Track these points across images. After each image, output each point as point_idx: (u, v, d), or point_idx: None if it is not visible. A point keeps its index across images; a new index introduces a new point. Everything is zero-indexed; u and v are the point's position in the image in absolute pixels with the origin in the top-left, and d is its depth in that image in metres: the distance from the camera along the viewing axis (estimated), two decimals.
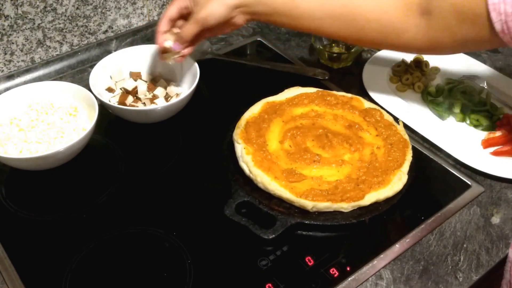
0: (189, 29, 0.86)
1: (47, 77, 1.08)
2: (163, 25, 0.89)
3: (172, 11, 0.88)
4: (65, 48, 1.10)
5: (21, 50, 1.04)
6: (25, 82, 1.05)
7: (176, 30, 0.90)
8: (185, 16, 0.89)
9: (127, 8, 1.15)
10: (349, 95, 0.99)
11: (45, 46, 1.07)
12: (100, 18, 1.12)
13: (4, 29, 0.99)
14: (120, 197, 0.84)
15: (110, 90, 0.99)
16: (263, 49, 1.20)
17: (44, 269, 0.74)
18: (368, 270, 0.74)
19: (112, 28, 1.15)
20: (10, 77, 1.04)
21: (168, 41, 0.89)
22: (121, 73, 1.01)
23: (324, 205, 0.78)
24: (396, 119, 0.94)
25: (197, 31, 0.86)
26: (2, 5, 0.96)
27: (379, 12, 0.81)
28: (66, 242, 0.77)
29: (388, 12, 0.81)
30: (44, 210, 0.82)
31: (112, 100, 0.97)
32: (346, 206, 0.79)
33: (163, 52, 0.91)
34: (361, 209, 0.80)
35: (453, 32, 0.76)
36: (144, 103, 0.96)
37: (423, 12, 0.78)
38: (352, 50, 1.12)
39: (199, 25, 0.85)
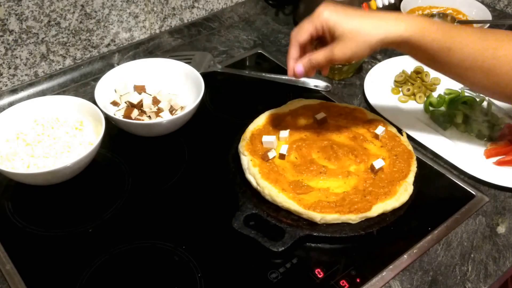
0: (320, 61, 0.77)
1: (51, 91, 1.08)
2: (294, 52, 0.79)
3: (303, 36, 0.78)
4: (68, 61, 1.11)
5: (25, 64, 1.04)
6: (29, 96, 1.05)
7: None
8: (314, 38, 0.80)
9: (129, 21, 1.16)
10: (352, 106, 1.00)
11: (48, 60, 1.07)
12: (102, 32, 1.12)
13: (8, 44, 0.99)
14: (128, 211, 0.84)
15: (115, 103, 0.99)
16: (264, 61, 1.21)
17: (54, 284, 0.73)
18: (377, 281, 0.74)
19: (115, 41, 1.16)
20: (13, 91, 1.04)
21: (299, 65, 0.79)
22: (126, 86, 1.02)
23: (332, 217, 0.79)
24: (399, 130, 0.95)
25: (329, 64, 0.79)
26: (7, 19, 0.97)
27: None
28: (75, 257, 0.77)
29: None
30: (52, 225, 0.82)
31: (117, 113, 0.97)
32: (354, 218, 0.79)
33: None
34: (369, 220, 0.81)
35: None
36: (149, 116, 0.97)
37: None
38: (353, 62, 1.13)
39: (334, 61, 0.77)
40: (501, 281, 0.79)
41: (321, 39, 0.81)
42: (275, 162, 0.87)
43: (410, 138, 0.95)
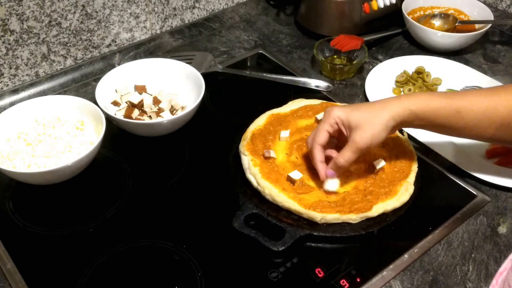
0: (349, 157, 0.79)
1: (52, 91, 1.08)
2: (319, 155, 0.82)
3: (323, 138, 0.81)
4: (69, 62, 1.11)
5: (26, 65, 1.04)
6: (30, 96, 1.05)
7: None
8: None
9: (130, 22, 1.16)
10: None
11: (49, 60, 1.07)
12: (103, 32, 1.13)
13: (9, 44, 1.00)
14: (128, 210, 0.84)
15: (115, 103, 0.99)
16: (265, 62, 1.21)
17: (54, 283, 0.74)
18: (378, 281, 0.74)
19: (116, 42, 1.16)
20: (15, 91, 1.05)
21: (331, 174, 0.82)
22: (126, 86, 1.02)
23: (332, 216, 0.79)
24: (400, 130, 0.95)
25: (356, 158, 0.80)
26: (8, 20, 0.97)
27: None
28: (76, 256, 0.77)
29: None
30: (52, 224, 0.82)
31: (118, 113, 0.97)
32: (354, 218, 0.79)
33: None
34: (369, 220, 0.80)
35: None
36: (150, 116, 0.97)
37: None
38: (354, 62, 1.14)
39: (359, 153, 0.79)
40: None
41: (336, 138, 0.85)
42: (275, 162, 0.87)
43: (411, 138, 0.95)
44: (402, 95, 0.81)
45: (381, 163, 0.85)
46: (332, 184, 0.82)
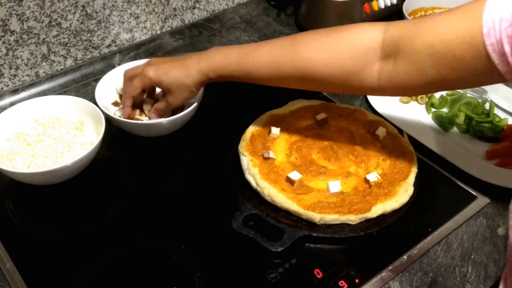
0: (163, 107, 0.92)
1: (52, 91, 1.08)
2: (128, 102, 0.93)
3: (136, 91, 0.92)
4: (69, 62, 1.11)
5: (26, 65, 1.04)
6: (30, 97, 1.05)
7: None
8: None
9: (130, 22, 1.16)
10: (353, 107, 1.00)
11: (49, 60, 1.07)
12: (103, 33, 1.13)
13: (10, 44, 1.00)
14: (128, 211, 0.84)
15: (115, 104, 0.99)
16: None
17: (54, 283, 0.74)
18: (376, 282, 0.74)
19: (116, 42, 1.16)
20: (15, 91, 1.05)
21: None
22: None
23: (331, 217, 0.79)
24: (400, 131, 0.95)
25: (169, 109, 0.94)
26: (8, 20, 0.97)
27: (334, 68, 0.77)
28: (75, 256, 0.77)
29: (343, 65, 0.76)
30: (52, 224, 0.82)
31: (118, 114, 0.97)
32: (353, 218, 0.79)
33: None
34: (368, 221, 0.80)
35: (428, 76, 0.69)
36: (149, 117, 0.97)
37: (385, 56, 0.73)
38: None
39: (171, 107, 0.92)
40: None
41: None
42: (274, 163, 0.87)
43: (411, 139, 0.95)
44: (203, 55, 0.87)
45: (374, 177, 0.84)
46: (334, 186, 0.83)
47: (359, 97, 1.09)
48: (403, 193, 0.83)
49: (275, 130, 0.92)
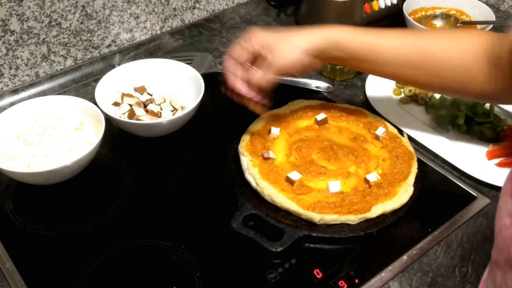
0: (265, 75, 0.81)
1: (52, 91, 1.08)
2: (233, 67, 0.82)
3: (237, 52, 0.82)
4: (69, 62, 1.11)
5: (26, 65, 1.04)
6: (30, 97, 1.05)
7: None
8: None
9: (130, 22, 1.16)
10: (353, 107, 1.00)
11: (49, 60, 1.07)
12: (103, 33, 1.13)
13: (9, 44, 1.00)
14: (127, 211, 0.84)
15: (115, 104, 0.99)
16: None
17: (53, 283, 0.74)
18: (376, 282, 0.74)
19: (116, 42, 1.16)
20: (15, 91, 1.05)
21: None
22: (126, 87, 1.02)
23: (331, 217, 0.79)
24: (400, 131, 0.95)
25: (274, 78, 0.82)
26: (8, 20, 0.97)
27: (453, 58, 0.79)
28: (75, 256, 0.77)
29: (461, 57, 0.79)
30: (51, 224, 0.82)
31: (118, 113, 0.97)
32: (353, 219, 0.79)
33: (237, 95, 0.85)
34: (368, 221, 0.80)
35: None
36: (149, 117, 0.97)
37: (491, 59, 0.76)
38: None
39: (275, 72, 0.81)
40: None
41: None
42: (274, 163, 0.87)
43: (411, 139, 0.95)
44: (325, 26, 0.83)
45: (374, 177, 0.84)
46: (334, 186, 0.82)
47: (360, 97, 1.09)
48: (403, 193, 0.83)
49: (275, 130, 0.92)
